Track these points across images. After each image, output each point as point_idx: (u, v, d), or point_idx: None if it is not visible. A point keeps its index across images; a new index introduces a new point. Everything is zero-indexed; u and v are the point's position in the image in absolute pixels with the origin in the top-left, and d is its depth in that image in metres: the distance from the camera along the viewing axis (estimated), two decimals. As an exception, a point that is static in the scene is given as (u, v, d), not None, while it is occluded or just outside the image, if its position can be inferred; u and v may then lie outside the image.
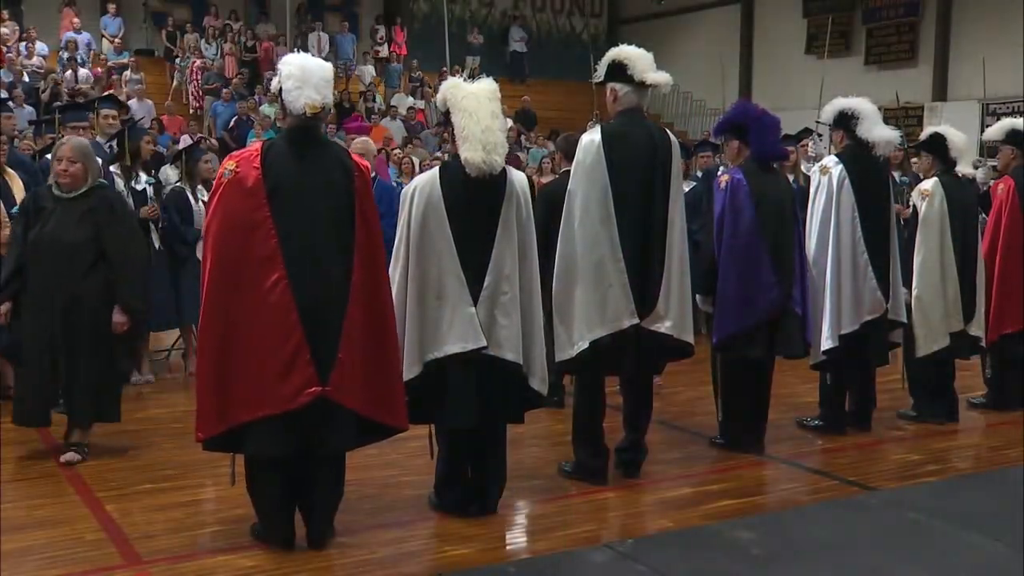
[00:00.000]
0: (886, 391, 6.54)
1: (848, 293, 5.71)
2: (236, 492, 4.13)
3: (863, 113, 5.77)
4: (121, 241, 5.17)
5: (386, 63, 20.40)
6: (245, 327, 3.84)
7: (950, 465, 5.51)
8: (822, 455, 5.62)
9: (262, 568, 3.85)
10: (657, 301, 4.75)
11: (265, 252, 3.82)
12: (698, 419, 6.22)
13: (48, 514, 4.39)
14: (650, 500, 4.81)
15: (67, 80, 16.19)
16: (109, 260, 5.11)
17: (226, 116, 16.48)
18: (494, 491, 4.49)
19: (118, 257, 5.14)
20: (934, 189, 6.15)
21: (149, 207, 7.03)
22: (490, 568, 3.90)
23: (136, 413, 6.36)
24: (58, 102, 13.43)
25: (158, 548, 4.04)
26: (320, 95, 3.92)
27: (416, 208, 4.26)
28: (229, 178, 3.88)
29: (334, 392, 3.85)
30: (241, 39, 18.88)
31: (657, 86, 4.83)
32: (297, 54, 4.13)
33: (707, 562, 3.94)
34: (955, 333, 6.17)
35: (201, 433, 3.94)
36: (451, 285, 4.22)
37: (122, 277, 5.13)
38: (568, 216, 4.77)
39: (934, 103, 18.58)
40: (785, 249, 5.43)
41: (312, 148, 3.99)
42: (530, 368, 4.40)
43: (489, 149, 4.17)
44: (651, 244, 4.75)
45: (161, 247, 7.18)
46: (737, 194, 5.38)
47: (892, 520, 4.42)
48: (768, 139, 5.49)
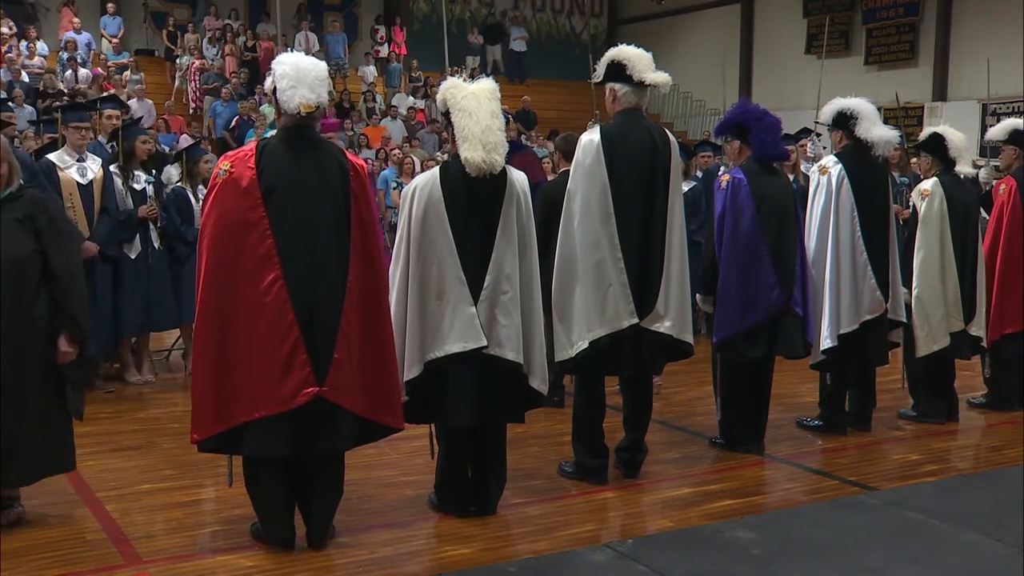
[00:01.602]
0: (886, 391, 6.54)
1: (847, 293, 5.72)
2: (236, 492, 4.13)
3: (862, 113, 5.77)
4: (66, 254, 4.23)
5: (386, 63, 20.42)
6: (241, 328, 3.83)
7: (950, 465, 5.51)
8: (822, 455, 5.62)
9: (262, 568, 3.85)
10: (656, 301, 4.75)
11: (261, 252, 3.81)
12: (698, 419, 6.22)
13: (48, 514, 4.39)
14: (650, 500, 4.81)
15: (67, 80, 16.20)
16: (54, 277, 4.14)
17: (226, 116, 16.49)
18: (494, 491, 4.49)
19: (64, 274, 4.17)
20: (934, 189, 6.15)
21: (148, 206, 7.03)
22: (490, 568, 3.90)
23: (136, 413, 6.38)
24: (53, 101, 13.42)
25: (158, 548, 4.04)
26: (315, 94, 3.92)
27: (416, 208, 4.26)
28: (224, 178, 3.88)
29: (331, 392, 3.85)
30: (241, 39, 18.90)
31: (656, 86, 4.84)
32: (291, 53, 4.13)
33: (707, 562, 3.94)
34: (955, 333, 6.17)
35: (196, 435, 3.93)
36: (451, 285, 4.22)
37: (70, 298, 4.18)
38: (568, 216, 4.77)
39: (934, 103, 18.59)
40: (786, 249, 5.43)
41: (307, 147, 3.99)
42: (530, 368, 4.40)
43: (489, 148, 4.17)
44: (650, 244, 4.76)
45: (161, 247, 7.18)
46: (738, 194, 5.38)
47: (892, 520, 4.43)
48: (769, 139, 5.49)
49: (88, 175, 6.71)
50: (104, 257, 6.74)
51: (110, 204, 6.79)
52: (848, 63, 19.72)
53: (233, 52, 18.37)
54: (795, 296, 5.43)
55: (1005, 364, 6.56)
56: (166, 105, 16.56)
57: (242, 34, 19.13)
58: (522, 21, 23.20)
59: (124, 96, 14.73)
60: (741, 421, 5.53)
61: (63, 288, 4.15)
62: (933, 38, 18.91)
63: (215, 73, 17.80)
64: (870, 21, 19.95)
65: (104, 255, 6.72)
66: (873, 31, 19.93)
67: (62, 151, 6.71)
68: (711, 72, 19.67)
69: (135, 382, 7.10)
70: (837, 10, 19.85)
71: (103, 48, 18.23)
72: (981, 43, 17.37)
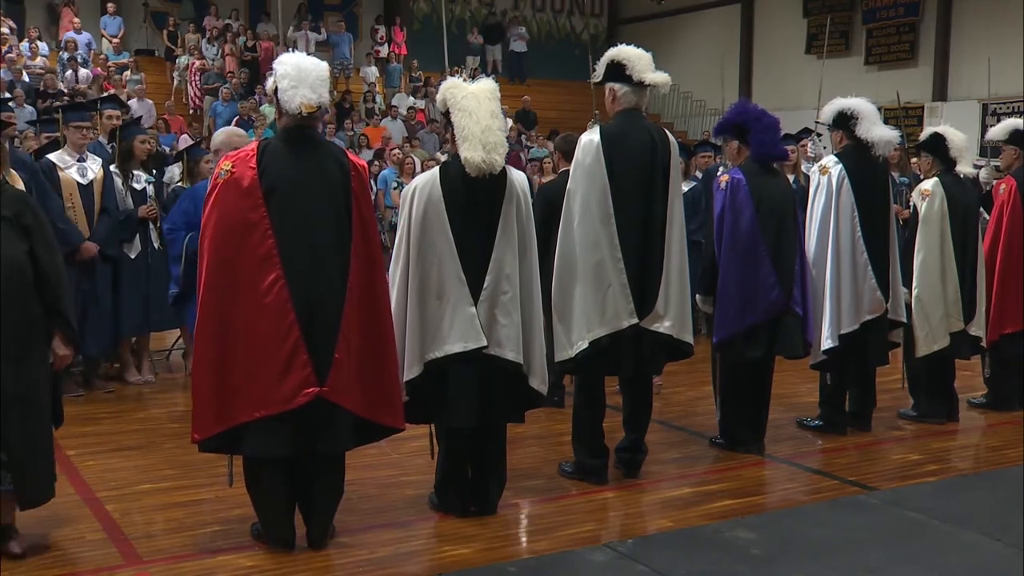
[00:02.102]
0: (886, 391, 6.54)
1: (848, 293, 5.71)
2: (236, 492, 4.13)
3: (862, 113, 5.77)
4: (51, 253, 3.94)
5: (386, 63, 20.41)
6: (242, 328, 3.83)
7: (950, 465, 5.51)
8: (822, 455, 5.61)
9: (262, 568, 3.85)
10: (656, 301, 4.75)
11: (262, 252, 3.82)
12: (698, 419, 6.22)
13: (48, 514, 4.39)
14: (650, 500, 4.81)
15: (67, 80, 16.20)
16: (44, 277, 3.87)
17: (226, 116, 16.49)
18: (494, 491, 4.49)
19: (54, 273, 3.91)
20: (934, 189, 6.15)
21: (148, 206, 7.04)
22: (490, 568, 3.90)
23: (136, 413, 6.38)
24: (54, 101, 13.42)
25: (158, 548, 4.04)
26: (316, 94, 3.92)
27: (416, 208, 4.26)
28: (225, 178, 3.88)
29: (331, 392, 3.85)
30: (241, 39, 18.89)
31: (656, 86, 4.84)
32: (292, 54, 4.13)
33: (707, 562, 3.94)
34: (955, 333, 6.17)
35: (197, 434, 3.93)
36: (451, 285, 4.22)
37: (62, 298, 3.93)
38: (567, 216, 4.77)
39: (934, 103, 18.59)
40: (785, 249, 5.42)
41: (309, 147, 3.99)
42: (530, 368, 4.40)
43: (489, 148, 4.17)
44: (650, 244, 4.76)
45: (161, 247, 7.18)
46: (737, 194, 5.38)
47: (892, 520, 4.43)
48: (768, 139, 5.49)
49: (88, 175, 6.72)
50: (104, 257, 6.75)
51: (110, 204, 6.80)
52: (848, 63, 19.72)
53: (233, 52, 18.37)
54: (795, 296, 5.43)
55: (1005, 364, 6.56)
56: (166, 105, 16.57)
57: (242, 34, 19.13)
58: (522, 21, 23.21)
59: (124, 96, 14.73)
60: (741, 421, 5.53)
61: (54, 288, 3.89)
62: (933, 38, 18.92)
63: (215, 73, 17.80)
64: (870, 21, 19.95)
65: (104, 255, 6.73)
66: (873, 31, 19.93)
67: (62, 151, 6.71)
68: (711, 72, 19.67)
69: (135, 382, 7.10)
70: (837, 10, 19.85)
71: (103, 48, 18.23)
72: (981, 43, 17.37)
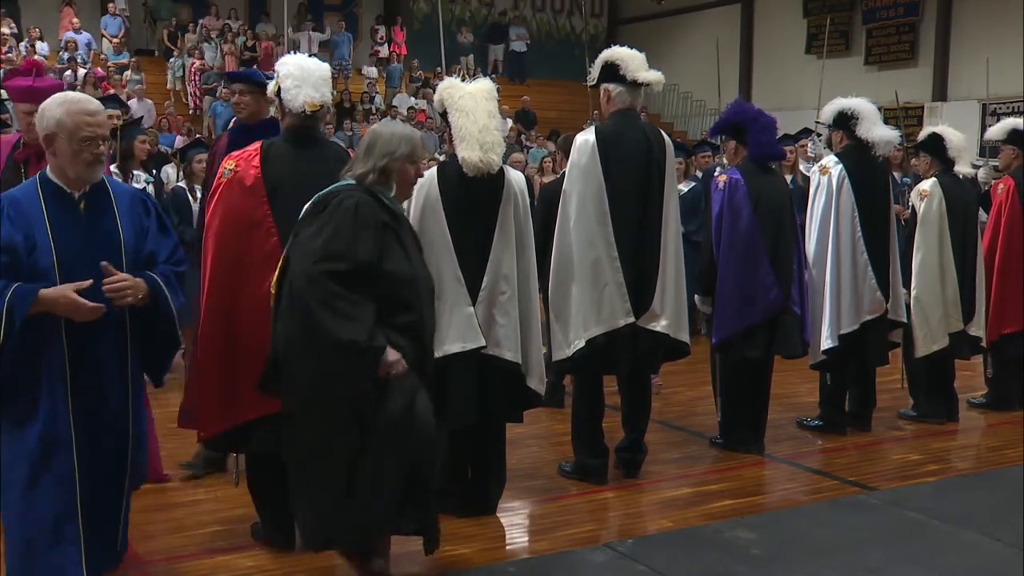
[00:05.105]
0: (886, 391, 6.54)
1: (848, 293, 5.71)
2: (236, 492, 4.14)
3: (862, 113, 5.77)
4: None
5: (386, 63, 20.41)
6: (247, 326, 3.84)
7: (950, 465, 5.51)
8: (822, 455, 5.62)
9: (262, 568, 3.85)
10: (652, 300, 4.75)
11: (266, 250, 3.82)
12: (698, 419, 6.22)
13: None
14: (650, 500, 4.81)
15: (67, 80, 16.18)
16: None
17: (226, 116, 16.47)
18: (494, 491, 4.49)
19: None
20: (933, 189, 6.15)
21: (147, 207, 7.03)
22: (490, 568, 3.91)
23: (136, 413, 6.35)
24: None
25: (158, 548, 4.04)
26: (319, 93, 3.94)
27: (414, 208, 4.26)
28: (229, 177, 3.90)
29: (333, 391, 3.84)
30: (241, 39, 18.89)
31: (650, 85, 4.84)
32: (294, 54, 4.16)
33: (707, 562, 3.95)
34: (955, 333, 6.17)
35: (204, 432, 3.95)
36: (449, 284, 4.22)
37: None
38: (564, 216, 4.77)
39: (934, 103, 18.59)
40: (783, 249, 5.43)
41: (311, 147, 4.00)
42: (528, 367, 4.40)
43: (486, 148, 4.17)
44: (646, 243, 4.76)
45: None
46: (735, 194, 5.38)
47: (892, 520, 4.43)
48: (765, 139, 5.50)
49: (88, 175, 6.70)
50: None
51: (110, 204, 6.79)
52: (848, 63, 19.71)
53: (233, 52, 18.37)
54: (793, 295, 5.43)
55: (1007, 364, 6.56)
56: (166, 106, 16.57)
57: (242, 34, 19.12)
58: (522, 21, 23.21)
59: (124, 96, 14.73)
60: (741, 421, 5.53)
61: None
62: (933, 38, 18.91)
63: (215, 73, 17.80)
64: (870, 21, 19.95)
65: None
66: (873, 31, 19.93)
67: (62, 151, 6.70)
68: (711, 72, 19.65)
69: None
70: (837, 10, 19.84)
71: (103, 48, 18.22)
72: (981, 43, 17.36)
